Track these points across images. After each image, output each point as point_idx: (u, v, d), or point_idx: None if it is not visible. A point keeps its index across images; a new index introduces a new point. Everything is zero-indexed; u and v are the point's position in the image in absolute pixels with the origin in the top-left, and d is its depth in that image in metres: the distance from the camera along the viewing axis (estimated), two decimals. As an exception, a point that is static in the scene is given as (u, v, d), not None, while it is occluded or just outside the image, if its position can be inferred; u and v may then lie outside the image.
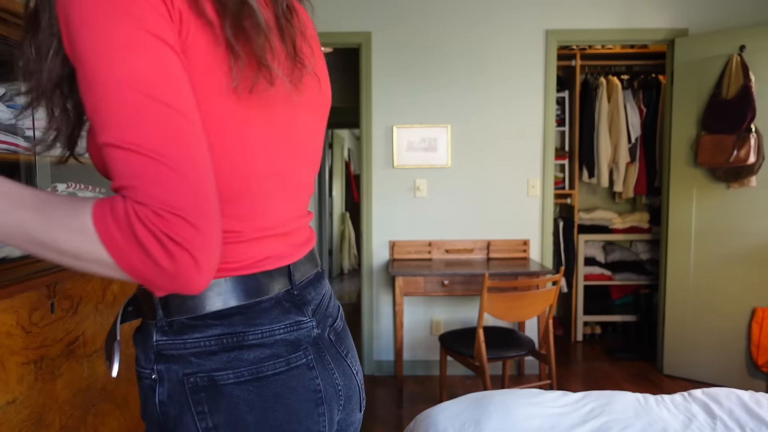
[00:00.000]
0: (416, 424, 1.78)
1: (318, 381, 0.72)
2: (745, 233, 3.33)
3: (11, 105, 1.18)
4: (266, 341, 0.68)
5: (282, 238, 0.73)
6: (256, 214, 0.68)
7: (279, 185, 0.70)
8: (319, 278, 0.82)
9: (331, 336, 0.78)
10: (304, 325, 0.73)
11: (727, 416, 1.71)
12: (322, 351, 0.75)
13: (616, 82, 4.25)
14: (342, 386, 0.77)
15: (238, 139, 0.63)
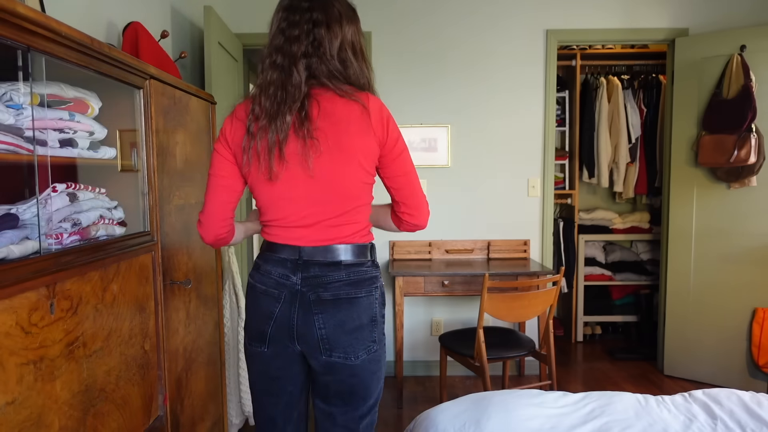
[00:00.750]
0: (416, 425, 1.78)
1: (275, 308, 1.42)
2: (746, 233, 3.33)
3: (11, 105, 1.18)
4: (266, 277, 1.45)
5: (287, 229, 1.44)
6: (273, 216, 1.45)
7: (284, 205, 1.42)
8: (330, 267, 1.41)
9: (311, 297, 1.40)
10: (291, 280, 1.42)
11: (728, 417, 1.71)
12: (296, 299, 1.41)
13: (617, 82, 4.25)
14: (298, 325, 1.41)
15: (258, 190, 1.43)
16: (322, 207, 1.39)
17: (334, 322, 1.39)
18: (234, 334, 2.72)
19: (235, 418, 2.74)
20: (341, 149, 1.35)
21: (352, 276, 1.42)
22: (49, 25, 1.17)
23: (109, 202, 1.57)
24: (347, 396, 1.50)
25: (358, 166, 1.38)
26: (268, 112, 1.35)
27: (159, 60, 2.31)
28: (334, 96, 1.36)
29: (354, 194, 1.43)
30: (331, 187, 1.38)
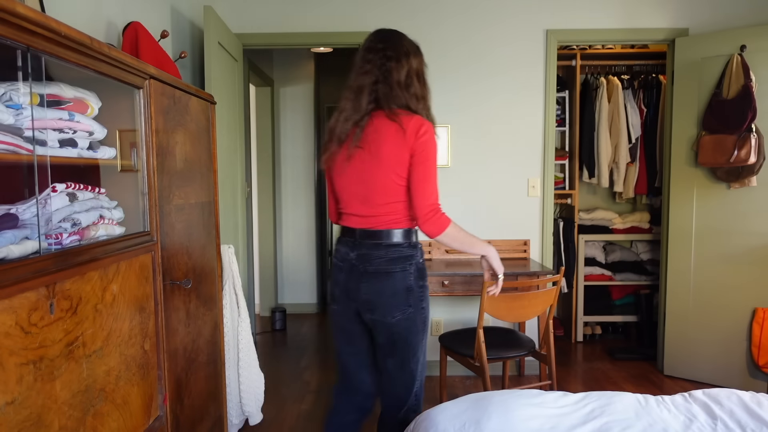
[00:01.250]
0: (416, 425, 1.78)
1: (341, 277, 1.89)
2: (746, 233, 3.33)
3: (11, 105, 1.18)
4: (338, 253, 1.92)
5: (348, 217, 1.89)
6: (341, 206, 1.91)
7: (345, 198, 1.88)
8: (374, 247, 1.84)
9: (361, 269, 1.84)
10: (350, 256, 1.86)
11: (728, 417, 1.71)
12: (353, 268, 1.86)
13: (617, 82, 4.25)
14: (351, 289, 1.87)
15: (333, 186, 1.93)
16: (367, 200, 1.84)
17: (375, 289, 1.83)
18: (234, 334, 2.72)
19: (235, 418, 2.74)
20: (379, 157, 1.78)
21: (390, 254, 1.84)
22: (49, 25, 1.17)
23: (109, 202, 1.57)
24: (390, 346, 1.90)
25: (390, 170, 1.79)
26: (334, 129, 1.84)
27: (159, 60, 2.31)
28: (384, 116, 1.78)
29: (389, 191, 1.82)
30: (371, 185, 1.81)
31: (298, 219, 5.33)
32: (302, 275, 5.37)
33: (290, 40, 3.60)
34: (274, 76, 5.20)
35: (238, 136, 3.42)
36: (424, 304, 1.89)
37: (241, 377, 2.73)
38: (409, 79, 1.82)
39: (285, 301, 5.35)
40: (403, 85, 1.80)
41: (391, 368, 1.92)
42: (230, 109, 3.21)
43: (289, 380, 3.65)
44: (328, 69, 5.52)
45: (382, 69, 1.79)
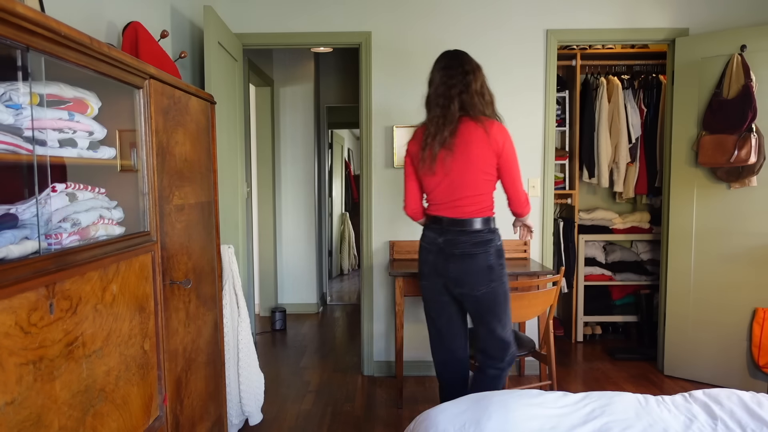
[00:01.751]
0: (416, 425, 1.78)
1: (429, 257, 2.36)
2: (746, 233, 3.32)
3: (10, 105, 1.18)
4: (426, 237, 2.40)
5: (437, 207, 2.33)
6: (431, 199, 2.36)
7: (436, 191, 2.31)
8: (459, 233, 2.25)
9: (448, 252, 2.27)
10: (438, 240, 2.31)
11: (728, 417, 1.71)
12: (441, 251, 2.30)
13: (617, 82, 4.25)
14: (439, 267, 2.31)
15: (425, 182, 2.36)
16: (455, 194, 2.26)
17: (461, 268, 2.26)
18: (234, 334, 2.72)
19: (235, 418, 2.74)
20: (468, 157, 2.21)
21: (473, 239, 2.24)
22: (49, 25, 1.17)
23: (109, 202, 1.57)
24: (479, 315, 2.33)
25: (478, 168, 2.23)
26: (432, 133, 2.23)
27: (159, 60, 2.31)
28: (471, 122, 2.22)
29: (476, 186, 2.25)
30: (460, 180, 2.24)
31: (298, 219, 5.33)
32: (302, 275, 5.37)
33: (290, 40, 3.60)
34: (274, 76, 5.20)
35: (238, 136, 3.42)
36: (504, 279, 2.31)
37: (241, 377, 2.73)
38: (483, 88, 2.30)
39: (285, 301, 5.35)
40: (479, 93, 2.27)
41: (483, 333, 2.36)
42: (230, 109, 3.21)
43: (289, 380, 3.65)
44: (328, 69, 5.52)
45: (463, 82, 2.24)
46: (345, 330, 4.85)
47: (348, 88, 5.50)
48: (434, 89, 2.31)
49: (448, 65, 2.28)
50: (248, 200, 4.23)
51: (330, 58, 5.49)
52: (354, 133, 8.90)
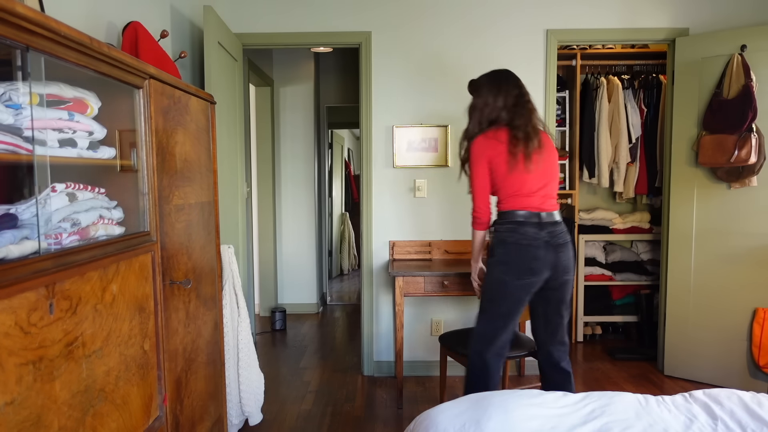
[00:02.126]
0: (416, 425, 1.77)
1: (540, 252, 2.37)
2: (747, 233, 3.32)
3: (10, 105, 1.18)
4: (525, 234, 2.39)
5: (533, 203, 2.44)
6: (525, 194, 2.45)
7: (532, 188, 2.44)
8: (555, 225, 2.43)
9: (553, 242, 2.39)
10: (539, 235, 2.38)
11: (729, 417, 1.71)
12: (547, 244, 2.38)
13: (617, 82, 4.25)
14: (550, 260, 2.38)
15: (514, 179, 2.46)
16: (548, 190, 2.46)
17: (568, 256, 2.43)
18: (234, 334, 2.72)
19: (235, 418, 2.73)
20: (552, 159, 2.52)
21: (564, 228, 2.46)
22: (49, 25, 1.17)
23: (109, 202, 1.57)
24: (564, 302, 2.50)
25: (557, 170, 2.58)
26: (523, 138, 2.43)
27: (159, 60, 2.30)
28: (543, 132, 2.54)
29: (556, 184, 2.54)
30: (550, 179, 2.48)
31: (298, 219, 5.33)
32: (302, 275, 5.37)
33: (290, 40, 3.60)
34: (274, 76, 5.20)
35: (238, 136, 3.42)
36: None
37: (241, 377, 2.73)
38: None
39: (285, 301, 5.35)
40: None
41: (559, 323, 2.52)
42: (230, 109, 3.21)
43: (289, 380, 3.64)
44: (328, 69, 5.52)
45: (528, 97, 2.61)
46: (345, 330, 4.85)
47: (348, 88, 5.50)
48: (510, 101, 2.53)
49: (518, 83, 2.61)
50: (248, 200, 4.23)
51: (330, 58, 5.49)
52: (354, 133, 8.90)
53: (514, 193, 2.43)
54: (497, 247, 2.44)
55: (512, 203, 2.44)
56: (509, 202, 2.45)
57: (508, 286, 2.39)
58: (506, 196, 2.46)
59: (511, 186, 2.44)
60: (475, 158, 2.49)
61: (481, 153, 2.46)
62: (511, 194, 2.44)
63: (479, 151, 2.47)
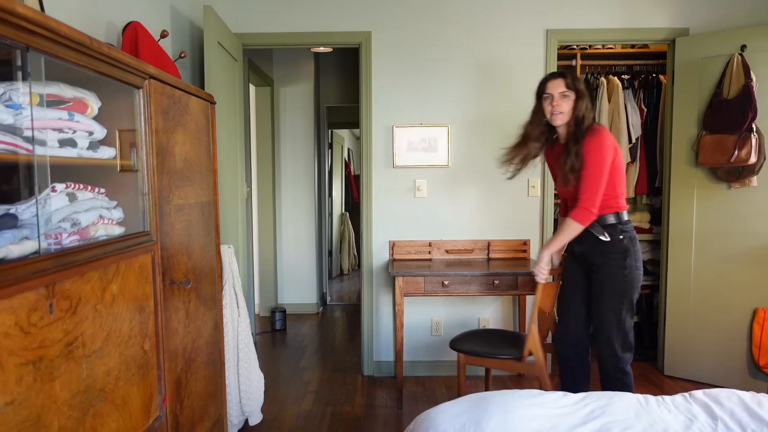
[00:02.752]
0: (416, 425, 1.78)
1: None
2: (747, 233, 3.32)
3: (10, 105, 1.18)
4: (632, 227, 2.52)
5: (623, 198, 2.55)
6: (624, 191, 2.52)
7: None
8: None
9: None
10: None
11: (729, 417, 1.71)
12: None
13: (617, 82, 4.24)
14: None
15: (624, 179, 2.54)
16: None
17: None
18: (234, 334, 2.72)
19: (235, 418, 2.73)
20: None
21: None
22: (49, 25, 1.17)
23: (109, 202, 1.57)
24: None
25: None
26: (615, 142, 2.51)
27: (158, 60, 2.30)
28: None
29: None
30: None
31: (298, 219, 5.33)
32: (302, 275, 5.37)
33: (290, 40, 3.60)
34: (274, 75, 5.20)
35: (238, 136, 3.42)
36: None
37: (241, 377, 2.73)
38: None
39: (285, 301, 5.35)
40: None
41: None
42: (230, 109, 3.21)
43: (289, 380, 3.64)
44: (328, 69, 5.52)
45: None
46: (345, 330, 4.85)
47: (348, 88, 5.50)
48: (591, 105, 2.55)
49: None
50: (248, 200, 4.23)
51: (330, 58, 5.48)
52: (354, 133, 8.90)
53: (622, 192, 2.47)
54: (632, 244, 2.45)
55: (622, 202, 2.47)
56: (620, 200, 2.46)
57: (640, 281, 2.48)
58: (619, 195, 2.46)
59: (621, 185, 2.47)
60: (607, 150, 2.38)
61: (612, 146, 2.41)
62: (621, 194, 2.46)
63: (611, 143, 2.41)
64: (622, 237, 2.43)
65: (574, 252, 2.57)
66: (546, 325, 2.84)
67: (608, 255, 2.43)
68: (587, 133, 2.42)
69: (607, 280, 2.44)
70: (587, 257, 2.52)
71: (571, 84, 2.49)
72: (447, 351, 3.70)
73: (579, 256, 2.56)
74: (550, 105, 2.52)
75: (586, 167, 2.38)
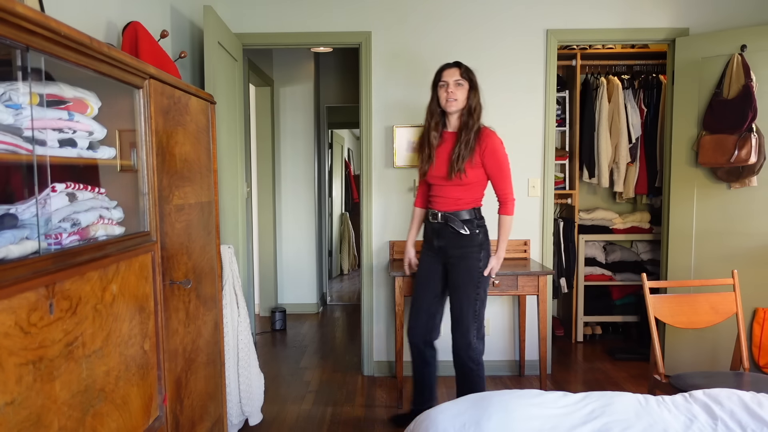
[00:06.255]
0: (416, 425, 1.77)
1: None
2: (746, 233, 3.32)
3: (10, 105, 1.18)
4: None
5: None
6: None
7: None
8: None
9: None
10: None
11: (729, 417, 1.71)
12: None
13: (617, 82, 4.25)
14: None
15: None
16: None
17: None
18: (234, 334, 2.72)
19: (235, 418, 2.73)
20: None
21: None
22: (49, 25, 1.17)
23: (109, 202, 1.57)
24: None
25: None
26: None
27: (158, 60, 2.30)
28: None
29: None
30: None
31: (298, 219, 5.33)
32: (302, 275, 5.37)
33: (290, 40, 3.60)
34: (274, 76, 5.20)
35: (238, 136, 3.42)
36: None
37: (241, 377, 2.73)
38: None
39: (285, 301, 5.35)
40: None
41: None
42: (230, 109, 3.21)
43: (289, 380, 3.64)
44: (328, 69, 5.52)
45: None
46: (345, 330, 4.85)
47: (348, 88, 5.50)
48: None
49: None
50: (248, 200, 4.23)
51: (330, 58, 5.48)
52: (354, 133, 8.90)
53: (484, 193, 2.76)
54: (486, 238, 2.71)
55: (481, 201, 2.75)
56: (482, 199, 2.74)
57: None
58: (483, 194, 2.74)
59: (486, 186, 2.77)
60: (504, 149, 2.67)
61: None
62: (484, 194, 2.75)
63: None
64: (478, 231, 2.63)
65: (434, 245, 2.69)
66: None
67: (466, 248, 2.60)
68: (483, 132, 2.63)
69: (465, 271, 2.59)
70: (446, 250, 2.65)
71: (465, 74, 2.63)
72: (447, 351, 3.70)
73: (439, 250, 2.67)
74: (445, 92, 2.62)
75: (499, 165, 2.63)
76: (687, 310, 2.54)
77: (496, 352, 3.70)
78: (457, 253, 2.62)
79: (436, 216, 2.68)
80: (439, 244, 2.68)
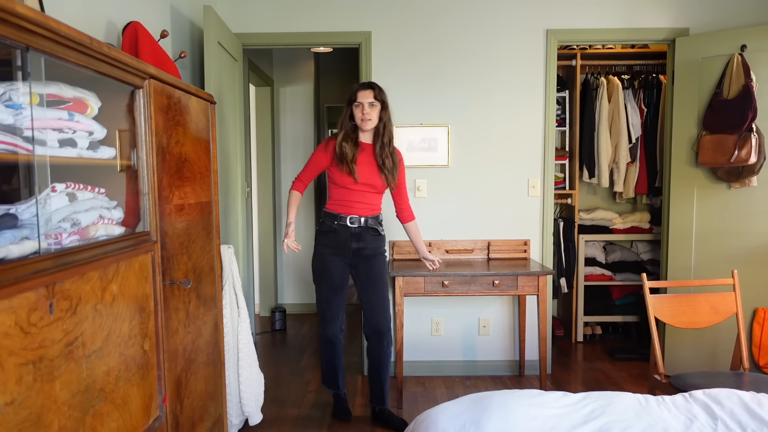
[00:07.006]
0: (416, 425, 1.78)
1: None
2: (747, 233, 3.32)
3: (10, 105, 1.18)
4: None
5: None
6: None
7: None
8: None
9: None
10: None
11: (729, 417, 1.71)
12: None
13: (617, 82, 4.25)
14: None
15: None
16: None
17: None
18: (234, 334, 2.72)
19: (235, 418, 2.73)
20: None
21: None
22: (48, 25, 1.17)
23: (109, 202, 1.57)
24: None
25: None
26: None
27: (158, 60, 2.30)
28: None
29: None
30: None
31: (298, 219, 5.32)
32: (302, 275, 5.37)
33: (290, 40, 3.60)
34: (274, 76, 5.20)
35: (238, 136, 3.42)
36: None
37: (241, 377, 2.73)
38: None
39: (285, 301, 5.35)
40: None
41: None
42: (230, 109, 3.21)
43: (289, 380, 3.64)
44: (328, 69, 5.52)
45: None
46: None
47: (348, 88, 5.49)
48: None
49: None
50: (248, 200, 4.23)
51: (330, 58, 5.48)
52: (354, 133, 8.88)
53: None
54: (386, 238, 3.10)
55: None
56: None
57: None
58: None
59: None
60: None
61: None
62: None
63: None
64: (383, 232, 2.96)
65: (350, 248, 2.89)
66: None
67: (380, 247, 2.93)
68: (393, 148, 2.89)
69: (382, 266, 2.92)
70: (362, 251, 2.89)
71: (378, 96, 2.90)
72: (447, 351, 3.70)
73: (354, 252, 2.89)
74: (360, 112, 2.89)
75: (402, 177, 2.97)
76: (687, 310, 2.54)
77: (496, 351, 3.71)
78: (373, 252, 2.91)
79: (358, 221, 2.85)
80: (357, 246, 2.88)
